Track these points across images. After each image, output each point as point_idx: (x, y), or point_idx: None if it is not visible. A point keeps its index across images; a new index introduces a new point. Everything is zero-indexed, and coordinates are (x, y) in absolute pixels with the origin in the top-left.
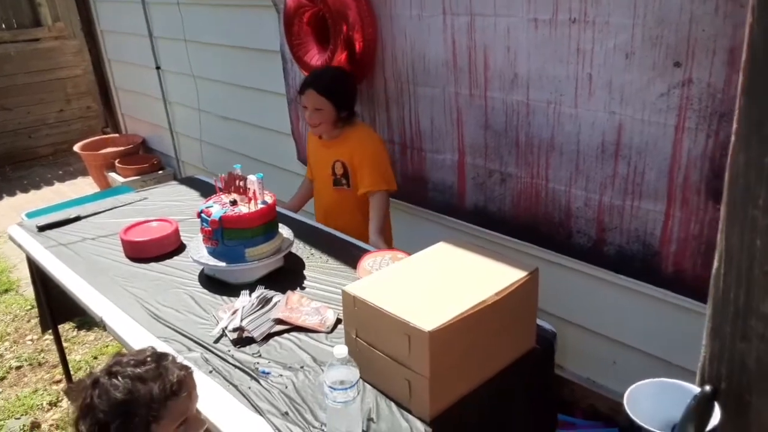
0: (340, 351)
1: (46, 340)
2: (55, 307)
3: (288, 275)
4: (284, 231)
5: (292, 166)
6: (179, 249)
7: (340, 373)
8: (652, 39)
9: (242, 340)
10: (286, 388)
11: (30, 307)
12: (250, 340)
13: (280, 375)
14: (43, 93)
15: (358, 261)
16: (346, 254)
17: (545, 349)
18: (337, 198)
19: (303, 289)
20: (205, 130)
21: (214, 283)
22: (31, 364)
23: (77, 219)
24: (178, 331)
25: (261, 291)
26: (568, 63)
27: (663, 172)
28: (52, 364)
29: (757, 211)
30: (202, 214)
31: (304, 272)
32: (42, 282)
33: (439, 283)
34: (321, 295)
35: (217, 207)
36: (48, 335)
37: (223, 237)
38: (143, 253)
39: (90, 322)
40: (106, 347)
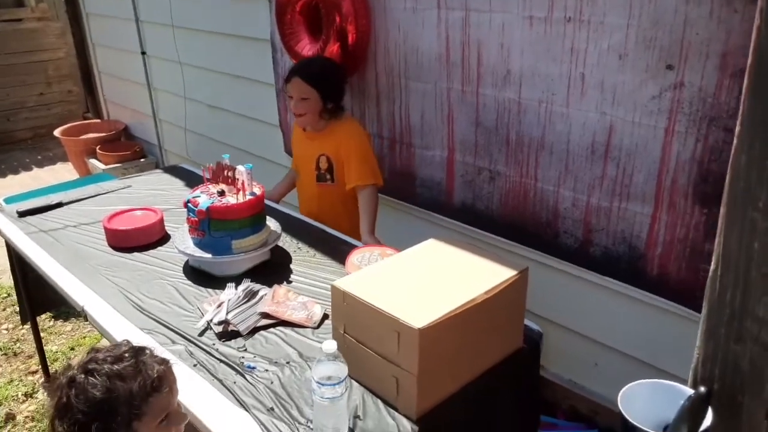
0: (329, 346)
1: (22, 329)
2: (34, 296)
3: (274, 269)
4: (271, 224)
5: (279, 158)
6: (163, 239)
7: (329, 369)
8: (645, 41)
9: (227, 334)
10: (272, 383)
11: (6, 295)
12: (236, 334)
13: (266, 370)
14: (24, 75)
15: (346, 256)
16: (334, 249)
17: (532, 349)
18: (320, 193)
19: (290, 283)
20: (191, 119)
21: (199, 275)
22: (6, 354)
23: (59, 205)
24: (162, 323)
25: (247, 284)
26: (561, 62)
27: (651, 175)
28: (28, 354)
29: (756, 213)
30: (189, 204)
31: (291, 266)
32: (21, 269)
33: (429, 280)
34: (308, 289)
35: (205, 197)
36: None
37: (210, 228)
38: (127, 242)
39: (67, 313)
40: (84, 338)
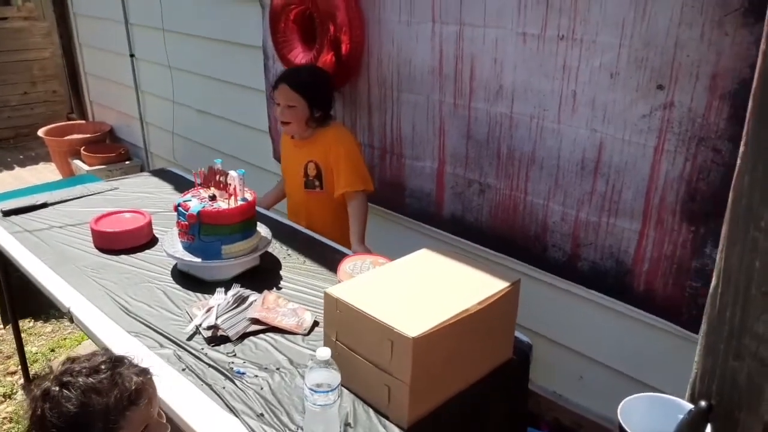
0: (323, 353)
1: (1, 330)
2: (16, 298)
3: (264, 275)
4: (262, 230)
5: (268, 164)
6: (151, 242)
7: (321, 376)
8: (637, 61)
9: (216, 339)
10: (262, 389)
11: None
12: (225, 339)
13: (256, 376)
14: (8, 74)
15: (337, 264)
16: (324, 257)
17: (521, 360)
18: (308, 200)
19: (279, 289)
20: (179, 123)
21: (187, 279)
22: None
23: (44, 206)
24: (150, 327)
25: (237, 289)
26: (553, 78)
27: (640, 192)
28: (7, 355)
29: (758, 233)
30: (180, 208)
31: (281, 272)
32: (4, 269)
33: (422, 290)
34: (298, 296)
35: (196, 201)
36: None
37: (200, 232)
38: (114, 244)
39: (48, 314)
40: (64, 340)
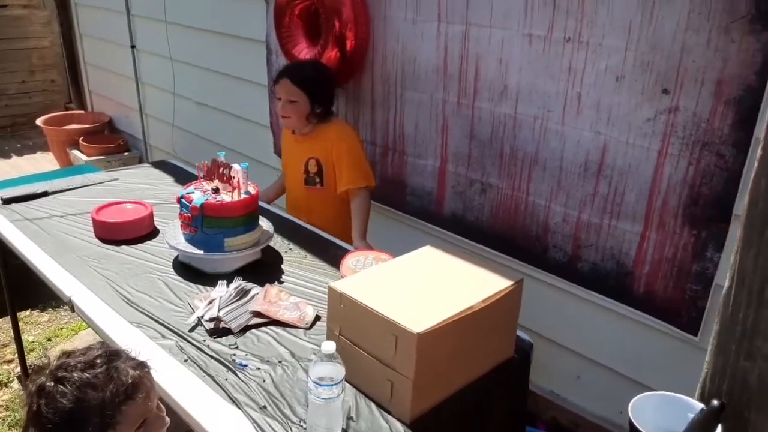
0: (329, 347)
1: None
2: (15, 287)
3: (265, 268)
4: (264, 224)
5: (268, 159)
6: (152, 234)
7: (326, 370)
8: (643, 64)
9: (219, 331)
10: (264, 381)
11: None
12: (227, 331)
13: (258, 368)
14: (6, 62)
15: (339, 259)
16: (325, 252)
17: (522, 359)
18: (308, 196)
19: (281, 283)
20: (179, 115)
21: (188, 271)
22: None
23: (45, 194)
24: (152, 318)
25: (239, 282)
26: (558, 80)
27: (643, 195)
28: (3, 343)
29: None
30: (183, 200)
31: (282, 267)
32: (2, 257)
33: (426, 287)
34: (299, 290)
35: (199, 193)
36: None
37: (203, 224)
38: (115, 234)
39: (45, 303)
40: (61, 329)
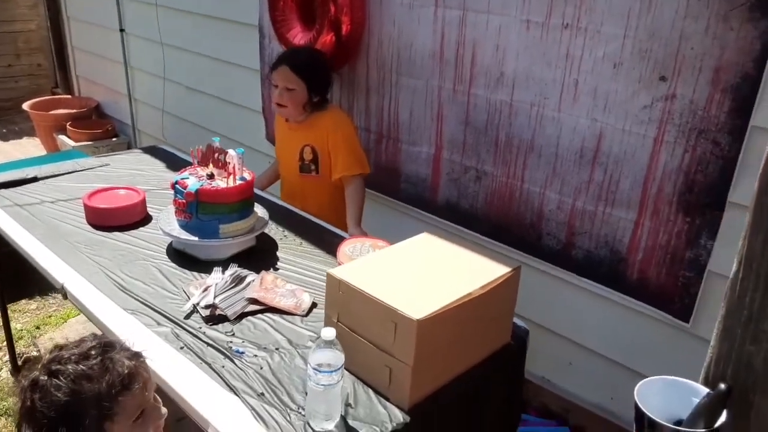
0: (328, 333)
1: None
2: (4, 275)
3: (260, 255)
4: (259, 210)
5: (260, 145)
6: (145, 220)
7: (325, 356)
8: (641, 52)
9: (215, 318)
10: (261, 368)
11: None
12: (223, 318)
13: (255, 355)
14: None
15: (334, 246)
16: (320, 239)
17: (519, 345)
18: (303, 185)
19: (276, 270)
20: (169, 101)
21: (183, 258)
22: None
23: (34, 180)
24: (147, 305)
25: (234, 269)
26: (555, 67)
27: (638, 182)
28: None
29: None
30: (177, 186)
31: (278, 253)
32: None
33: (425, 273)
34: (295, 277)
35: (194, 179)
36: None
37: (198, 210)
38: (108, 220)
39: (42, 291)
40: (49, 317)
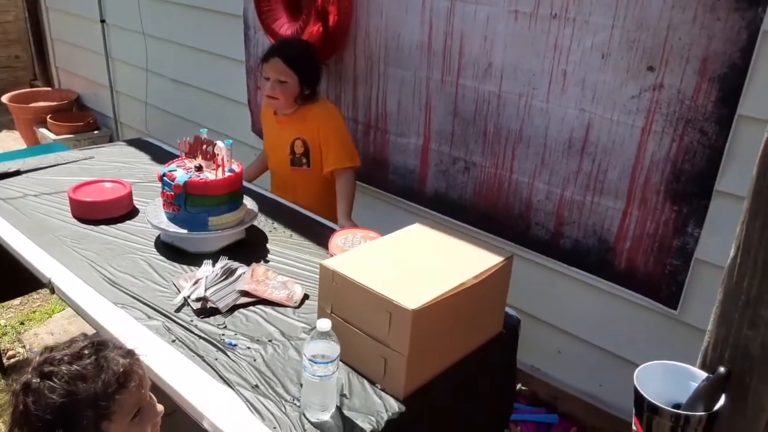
0: (324, 324)
1: None
2: None
3: (250, 248)
4: (248, 202)
5: (246, 137)
6: (132, 213)
7: (320, 347)
8: (629, 42)
9: (206, 311)
10: (255, 360)
11: None
12: (215, 311)
13: (248, 348)
14: None
15: (324, 238)
16: (310, 231)
17: (511, 334)
18: (294, 178)
19: (267, 262)
20: (152, 93)
21: (171, 251)
22: None
23: (17, 173)
24: (137, 298)
25: (225, 261)
26: (544, 57)
27: (626, 172)
28: None
29: None
30: (165, 178)
31: (267, 246)
32: None
33: (418, 264)
34: (286, 269)
35: (182, 171)
36: None
37: (186, 203)
38: (94, 214)
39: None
40: (33, 312)
